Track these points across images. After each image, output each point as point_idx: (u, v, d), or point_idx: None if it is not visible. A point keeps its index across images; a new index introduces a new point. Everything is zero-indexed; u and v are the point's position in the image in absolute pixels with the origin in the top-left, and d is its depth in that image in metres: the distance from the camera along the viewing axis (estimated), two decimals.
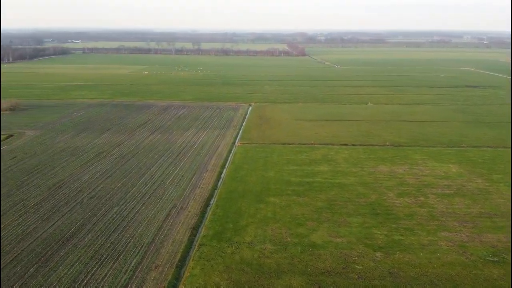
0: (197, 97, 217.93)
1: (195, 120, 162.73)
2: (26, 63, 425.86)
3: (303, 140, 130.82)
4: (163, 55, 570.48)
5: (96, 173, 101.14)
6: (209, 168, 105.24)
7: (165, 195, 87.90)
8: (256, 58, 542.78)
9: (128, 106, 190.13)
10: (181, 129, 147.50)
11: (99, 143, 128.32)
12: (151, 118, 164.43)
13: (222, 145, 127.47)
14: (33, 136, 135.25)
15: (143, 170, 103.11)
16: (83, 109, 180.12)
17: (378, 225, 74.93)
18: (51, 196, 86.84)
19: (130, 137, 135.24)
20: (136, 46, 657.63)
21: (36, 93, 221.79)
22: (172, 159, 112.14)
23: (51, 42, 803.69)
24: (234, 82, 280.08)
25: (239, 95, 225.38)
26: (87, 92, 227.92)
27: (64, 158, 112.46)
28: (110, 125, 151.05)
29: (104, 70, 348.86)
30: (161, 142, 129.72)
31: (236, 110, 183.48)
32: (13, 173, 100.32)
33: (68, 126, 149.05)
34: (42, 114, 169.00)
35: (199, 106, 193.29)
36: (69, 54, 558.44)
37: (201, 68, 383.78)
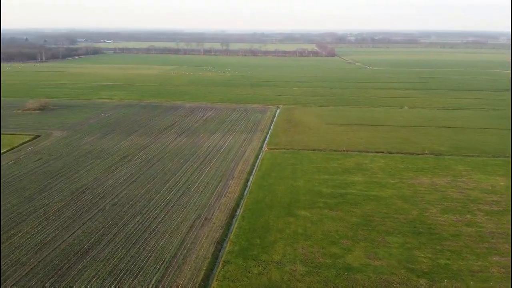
0: (225, 98, 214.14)
1: (222, 122, 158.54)
2: (58, 62, 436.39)
3: (334, 146, 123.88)
4: (192, 56, 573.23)
5: (120, 178, 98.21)
6: (235, 175, 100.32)
7: (189, 203, 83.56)
8: (285, 58, 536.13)
9: (156, 107, 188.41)
10: (208, 132, 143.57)
11: (125, 145, 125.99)
12: (178, 120, 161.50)
13: (249, 150, 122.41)
14: (60, 137, 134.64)
15: (168, 176, 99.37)
16: (111, 110, 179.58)
17: (420, 246, 67.66)
18: (73, 202, 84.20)
19: (156, 140, 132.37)
20: (165, 46, 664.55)
21: (66, 93, 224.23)
22: (198, 164, 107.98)
23: (84, 42, 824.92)
24: (261, 83, 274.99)
25: (267, 96, 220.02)
26: (116, 92, 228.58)
27: (89, 161, 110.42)
28: (137, 127, 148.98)
29: (134, 70, 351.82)
30: (187, 145, 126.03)
31: (264, 113, 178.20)
32: (37, 176, 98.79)
33: (95, 127, 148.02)
34: (71, 114, 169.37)
35: (226, 108, 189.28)
36: (101, 54, 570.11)
37: (229, 68, 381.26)
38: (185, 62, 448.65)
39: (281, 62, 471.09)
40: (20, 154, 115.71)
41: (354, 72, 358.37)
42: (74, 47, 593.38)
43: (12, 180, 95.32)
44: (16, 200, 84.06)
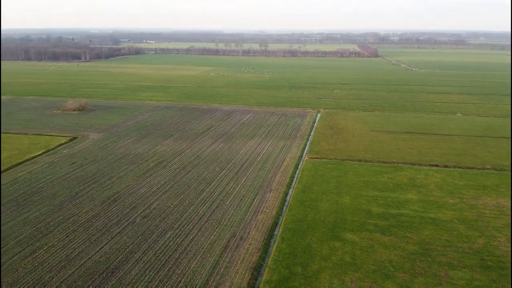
0: (262, 101, 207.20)
1: (259, 127, 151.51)
2: (101, 62, 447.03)
3: (383, 157, 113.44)
4: (230, 56, 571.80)
5: (153, 186, 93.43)
6: (273, 187, 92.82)
7: (224, 219, 76.96)
8: (325, 59, 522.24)
9: (193, 110, 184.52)
10: (245, 137, 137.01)
11: (161, 150, 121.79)
12: (214, 124, 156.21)
13: (288, 158, 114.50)
14: (96, 139, 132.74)
15: (203, 186, 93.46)
16: (149, 112, 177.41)
17: (491, 285, 57.28)
18: (104, 212, 79.93)
19: (192, 145, 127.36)
20: (205, 47, 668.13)
21: (106, 93, 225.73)
22: (234, 174, 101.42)
23: (127, 42, 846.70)
24: (301, 85, 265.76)
25: (307, 100, 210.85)
26: (154, 93, 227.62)
27: (123, 167, 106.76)
28: (174, 131, 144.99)
29: (173, 71, 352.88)
30: (224, 152, 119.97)
31: (303, 117, 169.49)
32: (70, 181, 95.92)
33: (132, 130, 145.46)
34: (108, 115, 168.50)
35: (264, 111, 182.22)
36: (142, 54, 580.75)
37: (267, 70, 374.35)
38: (223, 63, 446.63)
39: (321, 63, 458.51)
40: (55, 157, 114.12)
41: (400, 74, 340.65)
42: (117, 47, 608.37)
43: (45, 186, 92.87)
44: (46, 208, 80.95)
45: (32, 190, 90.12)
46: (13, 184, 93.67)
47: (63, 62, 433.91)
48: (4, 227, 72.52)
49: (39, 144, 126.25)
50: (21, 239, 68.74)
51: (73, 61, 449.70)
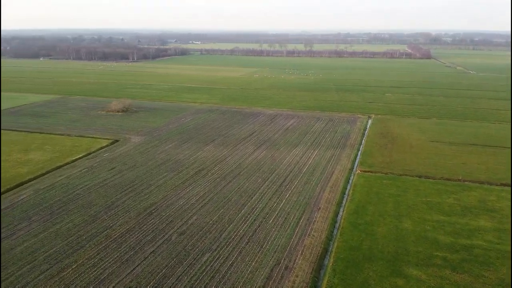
0: (308, 105, 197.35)
1: (305, 134, 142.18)
2: (148, 62, 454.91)
3: (446, 173, 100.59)
4: (274, 57, 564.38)
5: (192, 198, 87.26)
6: (321, 205, 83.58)
7: (266, 241, 68.92)
8: (374, 60, 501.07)
9: (235, 113, 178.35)
10: (289, 144, 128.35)
11: (201, 157, 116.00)
12: (257, 129, 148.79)
13: (337, 171, 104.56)
14: (138, 143, 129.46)
15: (244, 199, 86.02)
16: (192, 115, 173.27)
17: None
18: (138, 226, 74.50)
19: (234, 152, 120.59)
20: (249, 48, 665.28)
21: (151, 94, 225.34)
22: (277, 186, 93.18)
23: (174, 42, 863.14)
24: (349, 88, 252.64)
25: (356, 104, 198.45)
26: (198, 95, 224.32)
27: (162, 174, 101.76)
28: (216, 136, 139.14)
29: (217, 72, 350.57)
30: (266, 161, 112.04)
31: (353, 123, 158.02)
32: (107, 189, 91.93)
33: (174, 134, 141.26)
34: (151, 118, 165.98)
35: (309, 116, 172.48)
36: (188, 55, 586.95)
37: (312, 71, 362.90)
38: (267, 64, 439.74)
39: (370, 64, 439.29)
40: (95, 161, 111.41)
41: (456, 77, 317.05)
42: (164, 48, 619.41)
43: (82, 193, 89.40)
44: (80, 219, 76.82)
45: (68, 198, 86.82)
46: (50, 189, 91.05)
47: (112, 62, 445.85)
48: (35, 239, 68.78)
49: (80, 146, 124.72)
50: (50, 254, 64.46)
51: (121, 61, 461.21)
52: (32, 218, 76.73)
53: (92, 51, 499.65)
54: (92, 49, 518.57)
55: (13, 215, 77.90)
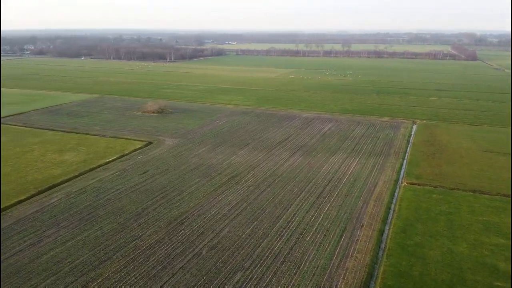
0: (346, 108, 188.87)
1: (344, 139, 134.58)
2: (184, 62, 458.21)
3: (504, 189, 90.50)
4: (311, 58, 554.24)
5: (224, 207, 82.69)
6: (364, 221, 76.54)
7: (304, 262, 62.99)
8: (415, 61, 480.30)
9: (270, 116, 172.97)
10: (327, 151, 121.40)
11: (235, 162, 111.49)
12: (292, 133, 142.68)
13: (380, 182, 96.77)
14: (171, 145, 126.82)
15: (279, 211, 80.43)
16: (226, 117, 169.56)
17: None
18: (168, 237, 70.63)
19: (268, 157, 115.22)
20: (285, 48, 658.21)
21: (186, 95, 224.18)
22: (315, 198, 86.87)
23: (211, 43, 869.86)
24: (390, 90, 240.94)
25: (398, 108, 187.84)
26: (233, 96, 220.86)
27: (194, 179, 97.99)
28: (250, 140, 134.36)
29: (252, 73, 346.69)
30: (303, 168, 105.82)
31: (396, 129, 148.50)
32: (138, 194, 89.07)
33: (208, 137, 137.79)
34: (186, 119, 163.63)
35: (348, 120, 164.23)
36: (224, 55, 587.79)
37: (350, 72, 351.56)
38: (303, 65, 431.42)
39: (412, 65, 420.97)
40: (128, 164, 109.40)
41: (506, 81, 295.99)
42: (200, 48, 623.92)
43: (112, 198, 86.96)
44: (109, 227, 73.99)
45: (99, 203, 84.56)
46: (81, 193, 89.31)
47: (150, 62, 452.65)
48: (62, 248, 66.34)
49: (114, 148, 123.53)
50: (76, 265, 61.63)
51: (159, 61, 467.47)
52: (61, 224, 74.71)
53: (131, 51, 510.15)
54: (131, 49, 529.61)
55: (42, 220, 76.26)
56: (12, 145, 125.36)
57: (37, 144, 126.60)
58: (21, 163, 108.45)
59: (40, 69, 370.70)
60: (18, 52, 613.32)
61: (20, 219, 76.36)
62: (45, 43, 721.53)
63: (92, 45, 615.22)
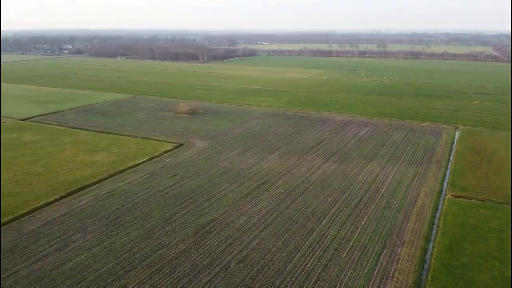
0: (383, 111, 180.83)
1: (381, 145, 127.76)
2: (216, 63, 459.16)
3: None
4: (345, 58, 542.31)
5: (253, 216, 78.90)
6: (406, 238, 70.57)
7: (339, 282, 58.14)
8: (455, 63, 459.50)
9: (302, 119, 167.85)
10: (363, 157, 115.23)
11: (265, 167, 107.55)
12: (326, 138, 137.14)
13: (422, 193, 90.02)
14: (202, 148, 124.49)
15: (312, 223, 75.74)
16: (256, 119, 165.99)
17: None
18: (195, 246, 67.56)
19: (300, 163, 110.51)
20: (318, 48, 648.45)
21: (217, 96, 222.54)
22: (351, 210, 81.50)
23: (243, 43, 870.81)
24: (430, 93, 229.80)
25: (439, 112, 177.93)
26: (264, 98, 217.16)
27: (224, 184, 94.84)
28: (281, 144, 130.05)
29: (284, 74, 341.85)
30: (337, 176, 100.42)
31: (438, 135, 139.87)
32: (166, 198, 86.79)
33: (238, 140, 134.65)
34: (217, 121, 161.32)
35: (385, 124, 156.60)
36: (256, 55, 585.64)
37: (386, 73, 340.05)
38: (337, 65, 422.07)
39: (451, 67, 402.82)
40: (157, 166, 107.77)
41: None
42: (232, 49, 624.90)
43: (140, 202, 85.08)
44: (135, 233, 71.82)
45: (127, 207, 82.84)
46: (109, 196, 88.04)
47: (183, 62, 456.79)
48: (87, 254, 64.55)
49: (145, 149, 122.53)
50: (100, 274, 59.53)
51: (191, 61, 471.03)
52: (88, 228, 73.26)
53: (165, 51, 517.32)
54: (165, 49, 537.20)
55: (70, 223, 75.16)
56: (46, 144, 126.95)
57: (70, 143, 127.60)
58: (53, 162, 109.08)
59: (77, 69, 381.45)
60: (57, 52, 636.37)
61: (48, 221, 75.61)
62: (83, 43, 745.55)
63: (128, 45, 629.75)
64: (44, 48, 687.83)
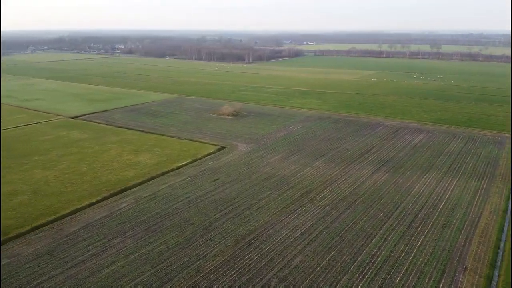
0: (438, 117, 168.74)
1: (438, 155, 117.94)
2: (262, 64, 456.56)
3: None
4: (395, 59, 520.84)
5: (296, 229, 73.97)
6: (468, 263, 62.66)
7: None
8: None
9: (350, 123, 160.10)
10: (418, 168, 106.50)
11: (309, 174, 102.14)
12: (376, 145, 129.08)
13: (486, 212, 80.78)
14: (244, 152, 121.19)
15: (361, 241, 69.55)
16: (301, 122, 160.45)
17: None
18: (234, 259, 63.83)
19: (347, 172, 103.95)
20: (367, 48, 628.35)
21: (262, 98, 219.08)
22: (405, 227, 74.30)
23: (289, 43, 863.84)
24: (490, 98, 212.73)
25: (502, 119, 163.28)
26: (309, 100, 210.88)
27: (265, 192, 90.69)
28: (326, 149, 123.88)
29: (331, 75, 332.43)
30: (389, 188, 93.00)
31: (501, 146, 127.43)
32: (207, 204, 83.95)
33: (281, 144, 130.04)
34: (260, 124, 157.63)
35: (442, 131, 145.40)
36: (302, 56, 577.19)
37: (441, 76, 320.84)
38: (387, 67, 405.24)
39: None
40: (199, 169, 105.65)
41: None
42: (278, 49, 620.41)
43: (181, 207, 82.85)
44: (174, 241, 69.34)
45: (167, 211, 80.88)
46: (151, 199, 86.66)
47: (228, 63, 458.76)
48: (124, 262, 62.71)
49: (188, 151, 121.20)
50: (136, 284, 57.29)
51: (237, 62, 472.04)
52: (127, 233, 71.79)
53: (211, 51, 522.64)
54: (212, 49, 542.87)
55: (110, 226, 74.16)
56: (93, 143, 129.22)
57: (116, 143, 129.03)
58: (98, 162, 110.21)
59: (128, 68, 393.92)
60: (110, 51, 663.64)
61: (89, 224, 75.11)
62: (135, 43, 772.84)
63: (177, 45, 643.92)
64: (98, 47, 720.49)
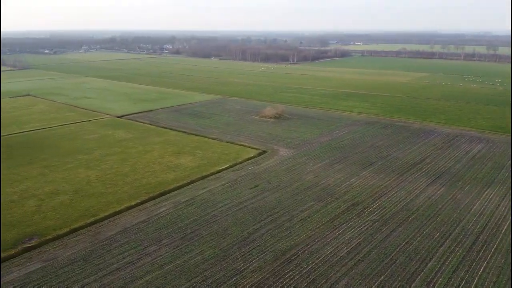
0: (498, 125, 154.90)
1: (500, 167, 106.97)
2: (307, 64, 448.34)
3: None
4: (449, 61, 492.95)
5: (342, 247, 68.25)
6: None
7: None
8: None
9: (400, 129, 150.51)
10: (478, 182, 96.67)
11: (356, 185, 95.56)
12: (430, 154, 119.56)
13: None
14: (285, 157, 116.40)
15: (415, 265, 62.64)
16: (346, 127, 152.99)
17: None
18: (273, 278, 59.41)
19: (399, 184, 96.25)
20: (418, 49, 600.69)
21: (305, 100, 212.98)
22: (465, 251, 66.35)
23: (335, 43, 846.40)
24: None
25: None
26: (356, 103, 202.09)
27: (308, 203, 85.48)
28: (375, 158, 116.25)
29: (379, 77, 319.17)
30: (446, 204, 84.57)
31: None
32: (246, 213, 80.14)
33: (325, 150, 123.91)
34: (303, 127, 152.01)
35: (504, 141, 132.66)
36: (348, 56, 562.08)
37: (499, 79, 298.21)
38: (440, 69, 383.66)
39: None
40: (239, 174, 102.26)
41: None
42: (324, 49, 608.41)
43: (219, 214, 79.61)
44: (210, 252, 66.02)
45: (205, 219, 77.93)
46: (189, 205, 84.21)
47: (273, 64, 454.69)
48: (159, 272, 60.06)
49: (229, 154, 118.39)
50: None
51: (281, 62, 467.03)
52: (163, 241, 69.46)
53: (256, 52, 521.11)
54: (257, 50, 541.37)
55: (146, 232, 72.23)
56: (137, 143, 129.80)
57: (158, 144, 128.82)
58: (140, 163, 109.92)
59: (174, 68, 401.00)
60: (158, 51, 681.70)
61: (126, 228, 73.67)
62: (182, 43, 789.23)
63: (222, 46, 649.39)
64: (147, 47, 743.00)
